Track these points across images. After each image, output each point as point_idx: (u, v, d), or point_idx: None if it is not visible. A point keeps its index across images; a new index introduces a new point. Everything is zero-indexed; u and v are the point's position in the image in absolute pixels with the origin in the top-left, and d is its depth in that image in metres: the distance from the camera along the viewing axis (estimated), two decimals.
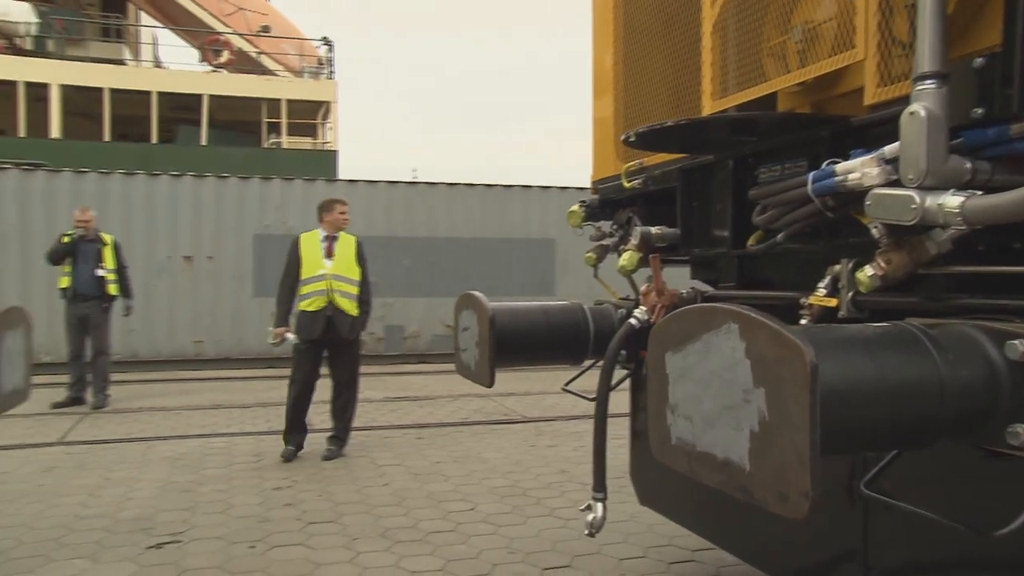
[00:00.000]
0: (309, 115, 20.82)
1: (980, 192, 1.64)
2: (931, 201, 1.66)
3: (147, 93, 18.62)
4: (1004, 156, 1.70)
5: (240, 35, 20.78)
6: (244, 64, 20.79)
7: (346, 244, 6.12)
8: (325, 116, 21.21)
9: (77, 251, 8.01)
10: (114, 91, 18.37)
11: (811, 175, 2.05)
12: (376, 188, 12.05)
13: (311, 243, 6.04)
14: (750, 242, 2.55)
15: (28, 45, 18.57)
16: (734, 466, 1.51)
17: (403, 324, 11.92)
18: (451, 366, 3.35)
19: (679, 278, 3.18)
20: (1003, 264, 1.79)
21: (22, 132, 17.56)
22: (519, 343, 2.98)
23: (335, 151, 19.80)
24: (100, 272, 8.06)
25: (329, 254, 6.01)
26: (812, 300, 2.15)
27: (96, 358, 8.21)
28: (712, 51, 2.59)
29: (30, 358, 2.83)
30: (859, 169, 1.85)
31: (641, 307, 2.81)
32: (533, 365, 3.47)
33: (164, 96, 18.87)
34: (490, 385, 2.92)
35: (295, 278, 5.96)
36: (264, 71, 20.96)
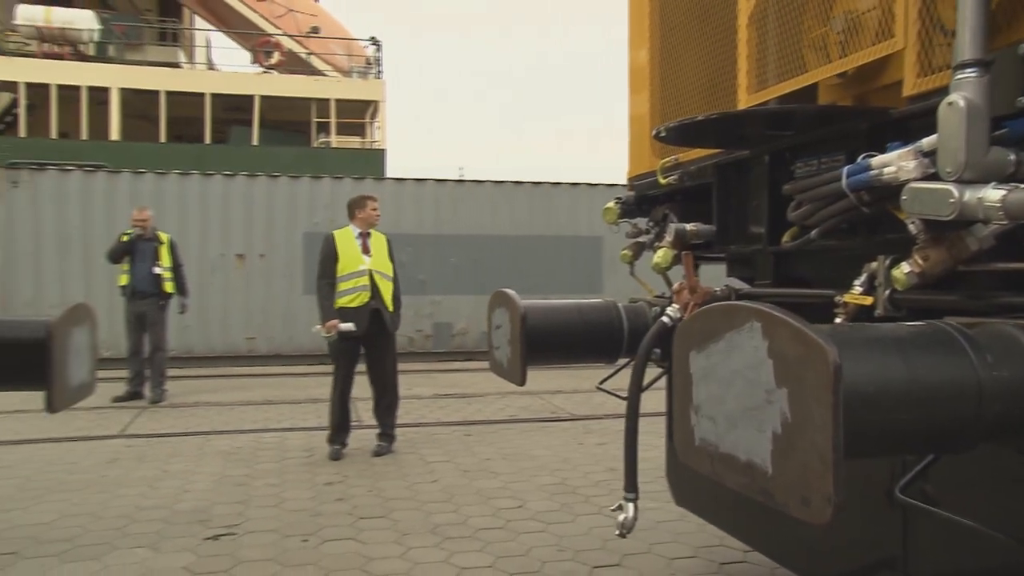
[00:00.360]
0: (358, 114, 21.08)
1: None
2: (970, 195, 1.62)
3: (201, 95, 19.06)
4: None
5: (290, 36, 21.13)
6: (294, 65, 21.13)
7: (379, 241, 6.16)
8: (373, 115, 21.45)
9: (135, 250, 8.26)
10: (170, 93, 18.86)
11: (846, 169, 2.01)
12: (424, 186, 12.17)
13: (347, 239, 6.06)
14: (785, 239, 2.50)
15: (91, 51, 19.17)
16: (756, 469, 1.49)
17: (451, 321, 12.01)
18: None
19: (719, 276, 3.14)
20: None
21: (84, 135, 18.17)
22: (551, 341, 2.97)
23: (383, 150, 19.99)
24: (157, 270, 8.30)
25: (366, 250, 6.04)
26: (847, 298, 2.10)
27: (154, 354, 8.46)
28: (748, 44, 2.56)
29: (95, 353, 2.93)
30: (895, 162, 1.81)
31: (674, 305, 2.79)
32: (566, 363, 3.45)
33: (217, 97, 19.29)
34: (522, 383, 2.91)
35: (333, 274, 5.98)
36: (314, 71, 21.28)
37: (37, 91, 18.03)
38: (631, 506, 2.50)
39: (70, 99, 18.06)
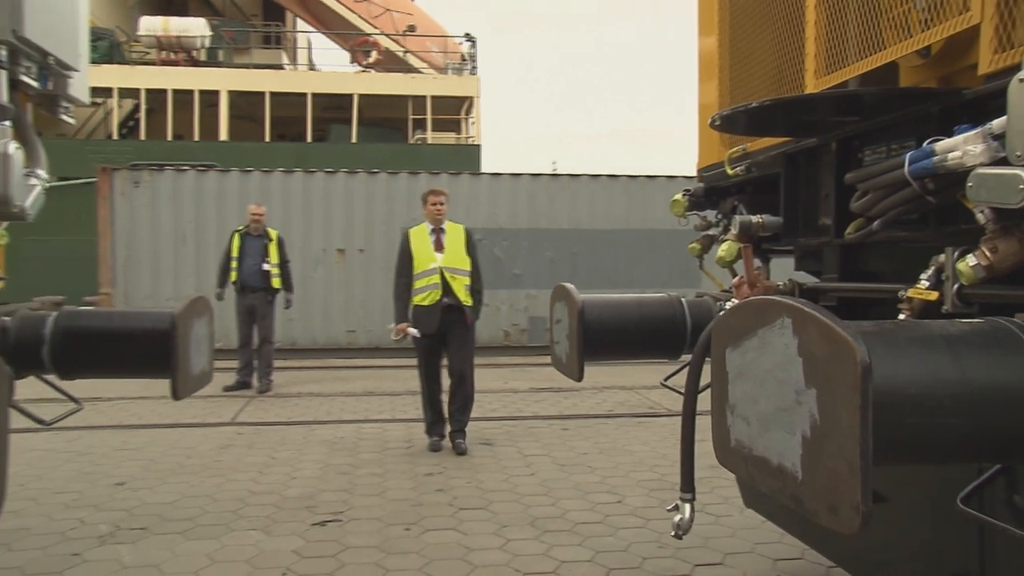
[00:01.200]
0: (453, 111, 21.34)
1: None
2: None
3: (303, 95, 19.72)
4: None
5: (387, 35, 21.58)
6: (391, 63, 21.57)
7: (455, 235, 6.09)
8: (468, 111, 21.67)
9: (244, 245, 8.66)
10: (274, 94, 19.60)
11: (908, 155, 1.87)
12: (519, 180, 12.20)
13: (421, 237, 6.03)
14: (849, 230, 2.37)
15: (202, 57, 20.17)
16: (787, 473, 1.42)
17: (546, 316, 12.00)
18: None
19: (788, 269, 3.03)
20: None
21: (196, 136, 19.12)
22: (610, 336, 2.90)
23: (478, 145, 20.17)
24: (266, 266, 8.67)
25: (439, 247, 6.00)
26: (911, 293, 1.96)
27: (262, 346, 8.83)
28: (815, 26, 2.44)
29: (213, 344, 3.07)
30: (961, 147, 1.68)
31: (733, 300, 2.69)
32: (626, 359, 3.39)
33: (318, 97, 19.92)
34: (579, 379, 2.87)
35: (410, 272, 5.98)
36: (410, 69, 21.67)
37: (155, 96, 19.08)
38: (688, 507, 2.46)
39: (184, 103, 19.02)
